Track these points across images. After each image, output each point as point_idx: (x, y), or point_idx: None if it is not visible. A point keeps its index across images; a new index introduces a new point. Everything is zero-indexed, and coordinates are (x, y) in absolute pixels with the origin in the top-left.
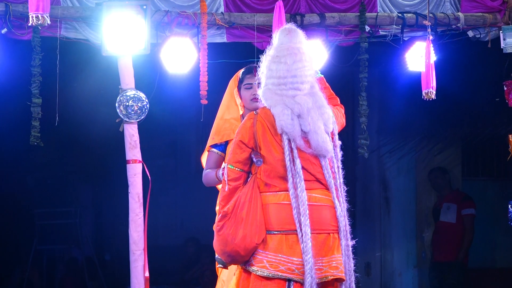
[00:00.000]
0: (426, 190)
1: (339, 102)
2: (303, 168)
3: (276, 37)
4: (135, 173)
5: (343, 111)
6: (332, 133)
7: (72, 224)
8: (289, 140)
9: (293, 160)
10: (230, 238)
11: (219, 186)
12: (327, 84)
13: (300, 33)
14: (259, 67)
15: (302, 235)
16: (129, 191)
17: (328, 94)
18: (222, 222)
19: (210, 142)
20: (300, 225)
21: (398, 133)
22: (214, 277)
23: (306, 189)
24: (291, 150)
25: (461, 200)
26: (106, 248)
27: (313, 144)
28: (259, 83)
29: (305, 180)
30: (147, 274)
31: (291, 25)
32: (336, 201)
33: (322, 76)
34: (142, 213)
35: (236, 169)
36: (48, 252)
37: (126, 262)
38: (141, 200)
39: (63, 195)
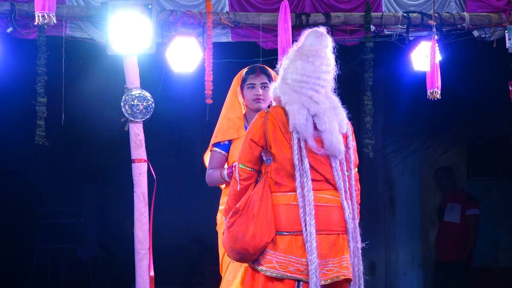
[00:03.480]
0: (431, 190)
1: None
2: (312, 168)
3: (305, 36)
4: (140, 172)
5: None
6: (346, 135)
7: (76, 224)
8: (298, 139)
9: (301, 160)
10: (240, 235)
11: (223, 186)
12: None
13: (330, 40)
14: (263, 66)
15: (306, 235)
16: (134, 190)
17: None
18: (233, 219)
19: (213, 140)
20: (306, 224)
21: (403, 133)
22: (215, 278)
23: (315, 190)
24: (300, 149)
25: (465, 200)
26: (110, 247)
27: (327, 143)
28: (262, 84)
29: (314, 180)
30: (152, 273)
31: (323, 29)
32: (345, 203)
33: None
34: (147, 213)
35: (247, 168)
36: (52, 251)
37: (131, 261)
38: (146, 199)
39: (67, 194)
